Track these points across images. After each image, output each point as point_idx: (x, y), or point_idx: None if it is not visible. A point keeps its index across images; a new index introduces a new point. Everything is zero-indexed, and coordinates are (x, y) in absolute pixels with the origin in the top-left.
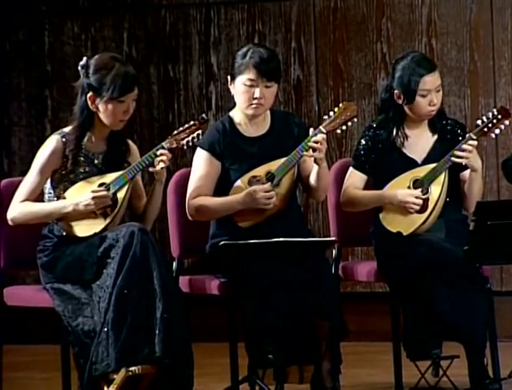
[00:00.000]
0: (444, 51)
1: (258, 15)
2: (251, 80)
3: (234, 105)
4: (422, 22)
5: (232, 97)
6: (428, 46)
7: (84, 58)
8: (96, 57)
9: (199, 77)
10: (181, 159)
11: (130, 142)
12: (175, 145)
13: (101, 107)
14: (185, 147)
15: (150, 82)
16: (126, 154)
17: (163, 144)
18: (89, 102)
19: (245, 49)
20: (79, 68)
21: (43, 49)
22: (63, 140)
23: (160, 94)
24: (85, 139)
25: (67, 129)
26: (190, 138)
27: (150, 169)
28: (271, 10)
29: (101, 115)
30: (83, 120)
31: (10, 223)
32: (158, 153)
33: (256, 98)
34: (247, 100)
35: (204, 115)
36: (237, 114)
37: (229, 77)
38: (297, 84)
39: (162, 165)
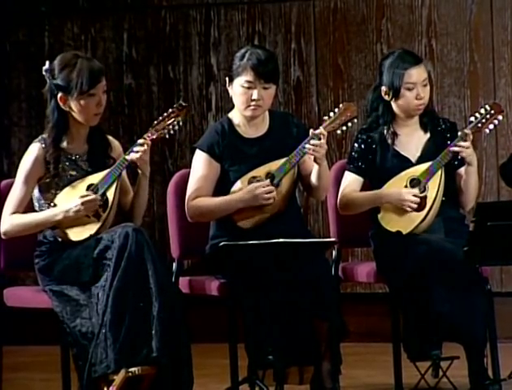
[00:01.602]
0: (444, 52)
1: (258, 16)
2: (249, 81)
3: (233, 106)
4: (422, 23)
5: (232, 98)
6: (428, 47)
7: (47, 63)
8: (58, 57)
9: (199, 78)
10: (181, 160)
11: (110, 137)
12: (156, 135)
13: (73, 105)
14: (167, 136)
15: (150, 83)
16: (108, 150)
17: (145, 136)
18: (61, 103)
19: (242, 51)
20: (43, 73)
21: (43, 49)
22: (43, 146)
23: (160, 95)
24: (65, 142)
25: (45, 134)
26: (171, 126)
27: (127, 157)
28: (271, 11)
29: (76, 114)
30: (56, 121)
31: (2, 236)
32: (137, 147)
33: (254, 100)
34: (245, 101)
35: (182, 102)
36: (236, 116)
37: (227, 79)
38: (296, 85)
39: (137, 155)
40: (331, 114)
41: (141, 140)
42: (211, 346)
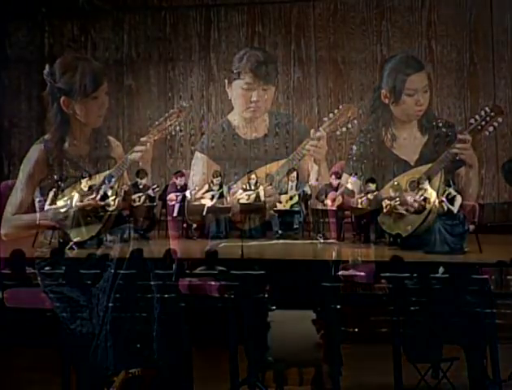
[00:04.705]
0: (444, 53)
1: (258, 17)
2: (248, 83)
3: (233, 107)
4: (421, 24)
5: (231, 99)
6: (428, 48)
7: (47, 66)
8: (58, 61)
9: (199, 79)
10: (181, 161)
11: (111, 138)
12: (158, 136)
13: (77, 108)
14: (168, 136)
15: (150, 83)
16: (109, 150)
17: (146, 136)
18: (64, 107)
19: (241, 53)
20: (44, 77)
21: (43, 50)
22: (45, 148)
23: (160, 95)
24: (67, 144)
25: (47, 136)
26: (172, 127)
27: (129, 157)
28: (271, 13)
29: (80, 116)
30: (58, 125)
31: (3, 238)
32: (139, 148)
33: (253, 101)
34: (244, 103)
35: (183, 103)
36: (235, 117)
37: (226, 81)
38: (296, 86)
39: (139, 154)
40: (331, 115)
41: (143, 139)
42: (211, 348)
